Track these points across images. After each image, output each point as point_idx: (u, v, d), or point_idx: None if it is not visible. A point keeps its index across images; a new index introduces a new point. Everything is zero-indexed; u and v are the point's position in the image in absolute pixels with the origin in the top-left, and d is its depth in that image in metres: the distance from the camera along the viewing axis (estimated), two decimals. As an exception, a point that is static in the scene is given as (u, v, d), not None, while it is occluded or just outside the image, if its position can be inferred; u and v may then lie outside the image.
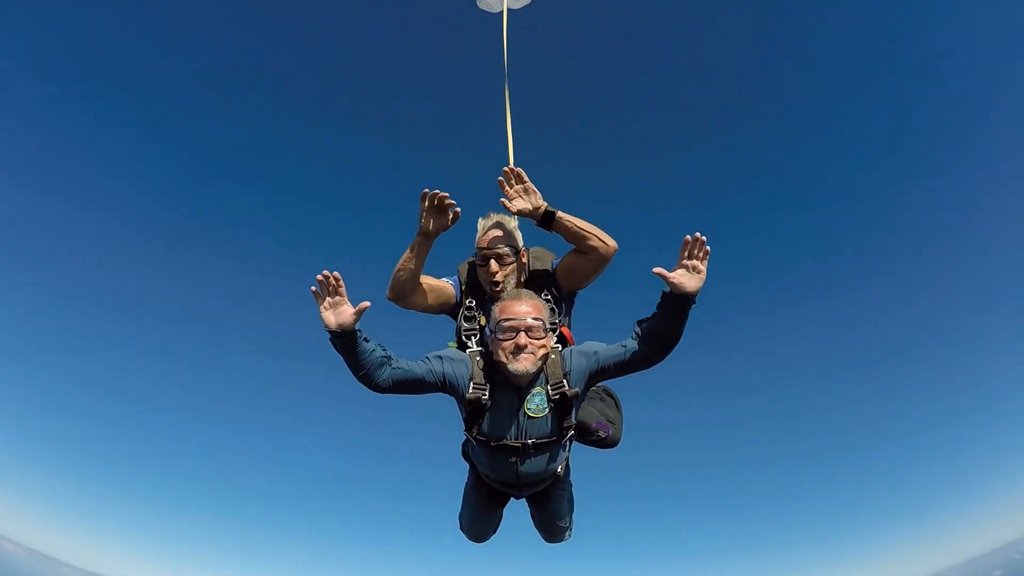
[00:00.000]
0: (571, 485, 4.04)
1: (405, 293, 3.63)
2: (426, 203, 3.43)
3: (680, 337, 3.21)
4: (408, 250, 3.55)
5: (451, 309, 3.87)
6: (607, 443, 3.89)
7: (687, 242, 3.08)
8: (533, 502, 3.96)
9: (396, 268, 3.58)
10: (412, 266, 3.56)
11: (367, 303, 3.09)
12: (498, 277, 3.62)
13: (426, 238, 3.51)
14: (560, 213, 3.49)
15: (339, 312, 3.07)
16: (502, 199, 3.50)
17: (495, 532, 4.30)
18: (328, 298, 3.07)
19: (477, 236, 3.75)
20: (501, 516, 4.16)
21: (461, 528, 4.28)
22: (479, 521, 4.15)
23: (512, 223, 3.77)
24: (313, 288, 3.08)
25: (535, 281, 3.79)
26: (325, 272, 3.04)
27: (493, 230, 3.70)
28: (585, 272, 3.71)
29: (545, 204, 3.48)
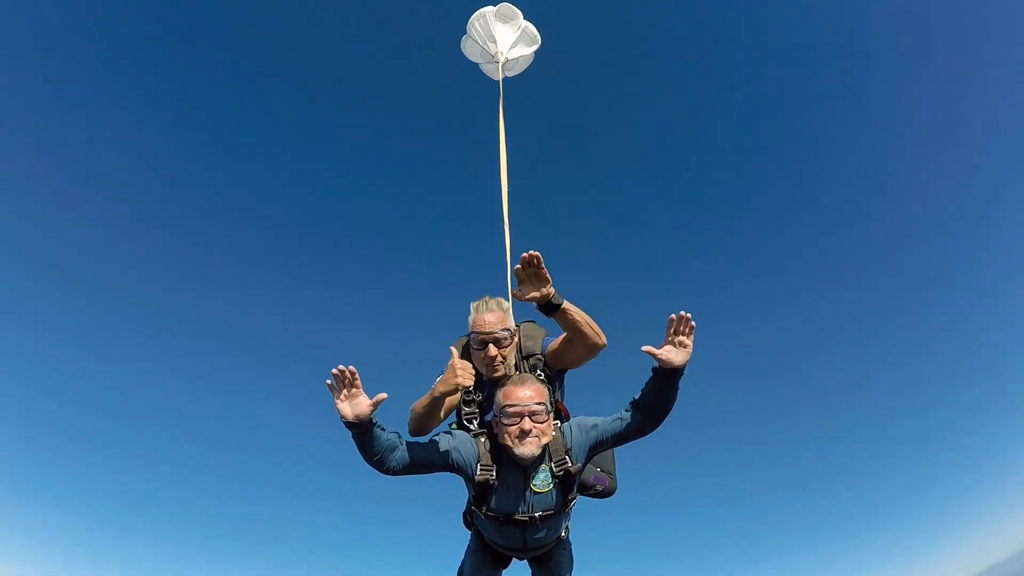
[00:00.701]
0: (571, 544, 4.21)
1: (422, 432, 3.72)
2: (344, 388, 3.18)
3: (672, 406, 3.40)
4: (427, 402, 3.60)
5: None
6: (604, 494, 4.05)
7: (672, 320, 3.24)
8: (535, 562, 4.11)
9: (418, 417, 3.64)
10: (433, 417, 3.67)
11: (383, 395, 3.17)
12: (497, 361, 3.71)
13: (447, 396, 3.57)
14: (566, 304, 3.51)
15: (355, 404, 3.13)
16: (513, 290, 3.52)
17: None
18: (344, 391, 3.14)
19: (471, 319, 3.82)
20: (505, 568, 4.31)
21: None
22: None
23: (506, 305, 3.88)
24: (329, 382, 3.14)
25: (527, 361, 3.92)
26: (340, 367, 3.11)
27: (489, 314, 3.77)
28: (572, 361, 3.88)
29: (554, 292, 3.47)
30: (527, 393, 3.34)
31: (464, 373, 3.41)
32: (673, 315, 3.25)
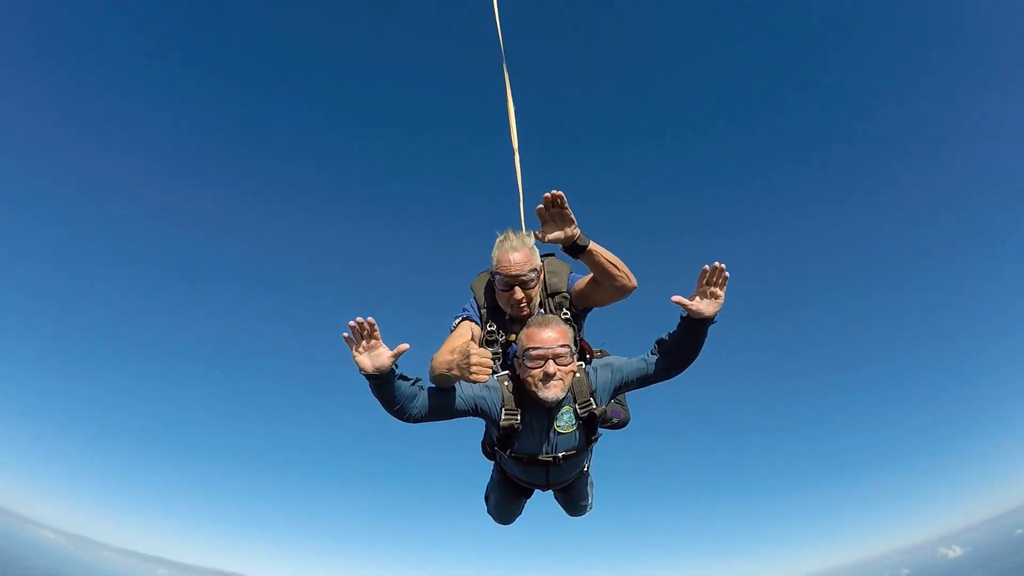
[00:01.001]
0: (591, 472, 4.28)
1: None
2: (362, 340, 3.04)
3: (699, 353, 3.41)
4: (444, 375, 3.36)
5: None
6: (620, 425, 4.08)
7: (705, 271, 3.18)
8: (559, 489, 4.17)
9: (435, 380, 3.42)
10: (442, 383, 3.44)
11: (405, 346, 3.05)
12: (523, 303, 3.61)
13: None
14: (592, 245, 3.40)
15: (375, 356, 3.03)
16: (535, 231, 3.39)
17: (520, 514, 4.56)
18: (364, 342, 3.03)
19: (495, 256, 3.66)
20: (525, 501, 4.40)
21: (488, 512, 4.55)
22: (506, 509, 4.44)
23: (530, 241, 3.69)
24: (346, 335, 3.03)
25: (552, 299, 3.82)
26: (359, 319, 3.00)
27: (514, 253, 3.61)
28: (601, 302, 3.77)
29: (579, 233, 3.36)
30: (551, 335, 3.29)
31: (481, 369, 3.24)
32: (707, 266, 3.18)
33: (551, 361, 3.25)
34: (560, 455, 3.52)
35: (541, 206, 3.26)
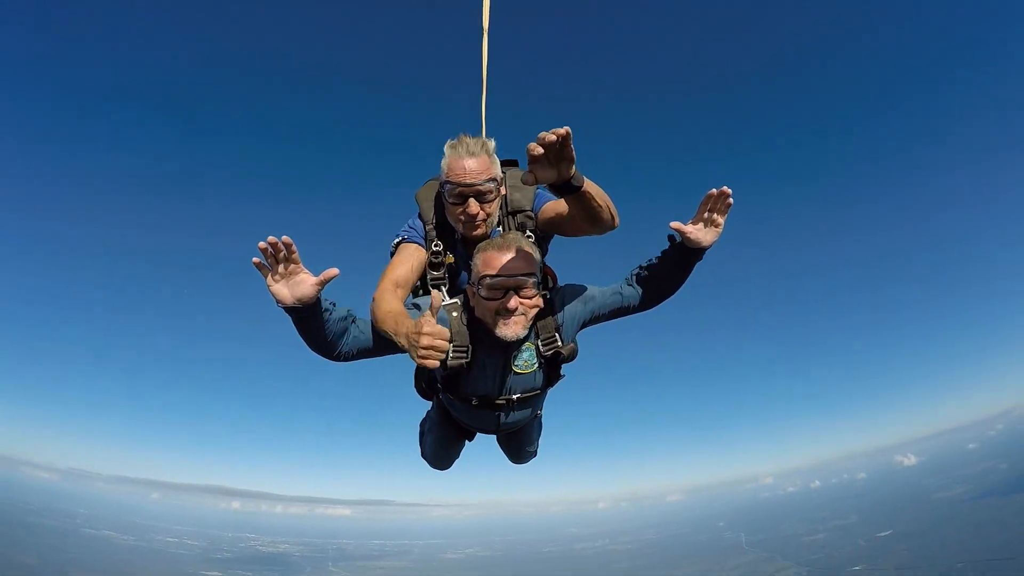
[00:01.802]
0: (541, 414, 3.81)
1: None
2: (277, 264, 2.53)
3: (681, 286, 3.07)
4: (380, 321, 2.80)
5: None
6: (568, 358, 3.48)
7: (710, 196, 2.83)
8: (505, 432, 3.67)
9: (380, 327, 2.81)
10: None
11: (335, 271, 2.54)
12: (479, 219, 3.02)
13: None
14: (587, 185, 2.68)
15: (295, 283, 2.51)
16: (523, 173, 2.59)
17: (458, 458, 4.03)
18: (280, 267, 2.50)
19: (446, 163, 3.02)
20: (465, 444, 3.87)
21: (423, 456, 4.00)
22: (445, 453, 3.92)
23: (491, 146, 3.09)
24: (256, 260, 2.47)
25: (513, 218, 3.23)
26: (271, 239, 2.44)
27: (470, 159, 2.98)
28: (572, 234, 3.17)
29: (575, 171, 2.60)
30: (513, 261, 2.75)
31: (432, 354, 2.54)
32: (713, 190, 2.83)
33: (512, 293, 2.72)
34: (515, 397, 3.05)
35: (536, 146, 2.42)
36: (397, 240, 3.26)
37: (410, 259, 3.13)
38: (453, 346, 2.79)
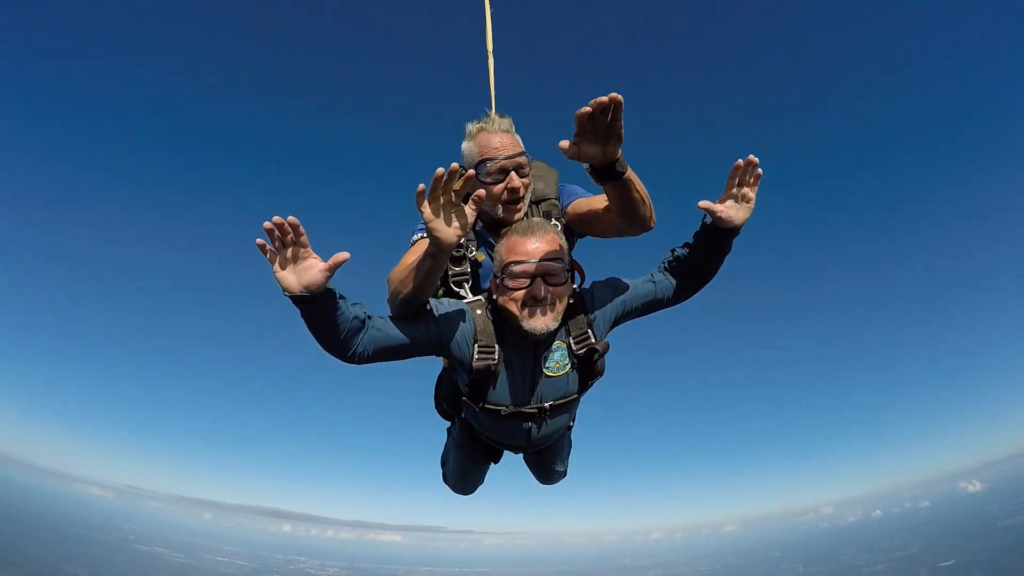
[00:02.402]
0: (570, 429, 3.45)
1: (409, 307, 2.60)
2: (442, 194, 2.26)
3: (718, 270, 2.77)
4: (414, 269, 2.46)
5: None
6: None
7: (738, 167, 2.53)
8: (538, 450, 3.36)
9: (399, 291, 2.52)
10: (424, 289, 2.51)
11: (345, 254, 2.21)
12: (522, 192, 2.81)
13: (442, 251, 2.36)
14: (630, 172, 2.46)
15: (303, 269, 2.21)
16: (565, 142, 2.32)
17: (482, 483, 3.75)
18: (287, 250, 2.21)
19: (473, 144, 2.84)
20: (490, 467, 3.62)
21: (445, 481, 3.72)
22: (469, 477, 3.63)
23: (511, 125, 2.92)
24: (260, 240, 2.19)
25: (538, 206, 3.01)
26: (276, 219, 2.15)
27: (500, 135, 2.82)
28: (604, 234, 2.95)
29: (621, 155, 2.38)
30: (539, 246, 2.51)
31: (459, 214, 2.29)
32: (740, 160, 2.53)
33: (540, 280, 2.45)
34: (548, 404, 2.71)
35: (587, 108, 2.19)
36: (415, 237, 2.92)
37: (418, 248, 2.84)
38: (478, 346, 2.55)
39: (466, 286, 2.83)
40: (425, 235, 2.55)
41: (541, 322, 2.48)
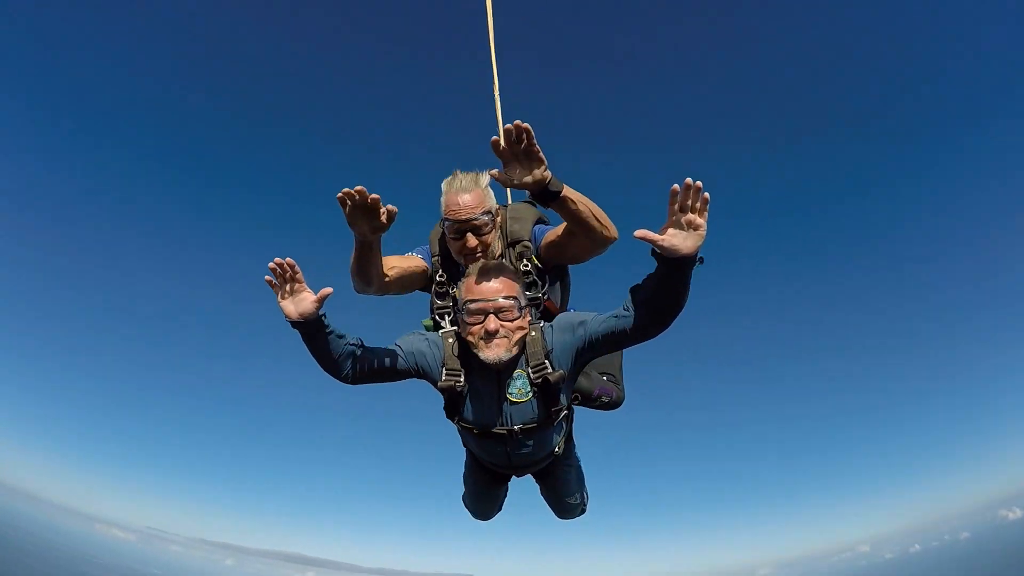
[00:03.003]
0: (578, 460, 3.73)
1: (369, 291, 3.15)
2: (347, 207, 2.71)
3: (682, 304, 2.61)
4: (353, 255, 2.96)
5: (426, 284, 3.41)
6: (611, 405, 3.51)
7: (674, 192, 2.39)
8: (539, 478, 3.68)
9: (350, 270, 3.04)
10: (364, 269, 3.00)
11: (329, 289, 2.73)
12: (478, 252, 3.10)
13: (367, 245, 2.88)
14: (566, 191, 2.72)
15: (299, 300, 2.73)
16: (495, 171, 2.66)
17: (499, 511, 4.07)
18: (286, 286, 2.74)
19: (443, 201, 3.13)
20: (505, 492, 3.90)
21: (464, 504, 4.05)
22: (481, 502, 3.95)
23: (484, 180, 3.15)
24: (268, 277, 2.75)
25: (512, 249, 3.24)
26: (277, 260, 2.71)
27: (463, 195, 3.07)
28: (577, 257, 3.19)
29: (550, 175, 2.64)
30: (493, 286, 2.81)
31: (373, 217, 2.71)
32: (676, 185, 2.39)
33: (492, 316, 2.75)
34: (516, 427, 2.96)
35: (499, 139, 2.53)
36: (410, 253, 3.41)
37: (411, 259, 3.31)
38: (445, 369, 2.91)
39: (447, 318, 3.17)
40: (415, 252, 3.35)
41: (495, 352, 2.75)
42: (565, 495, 3.77)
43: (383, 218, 2.73)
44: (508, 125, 2.50)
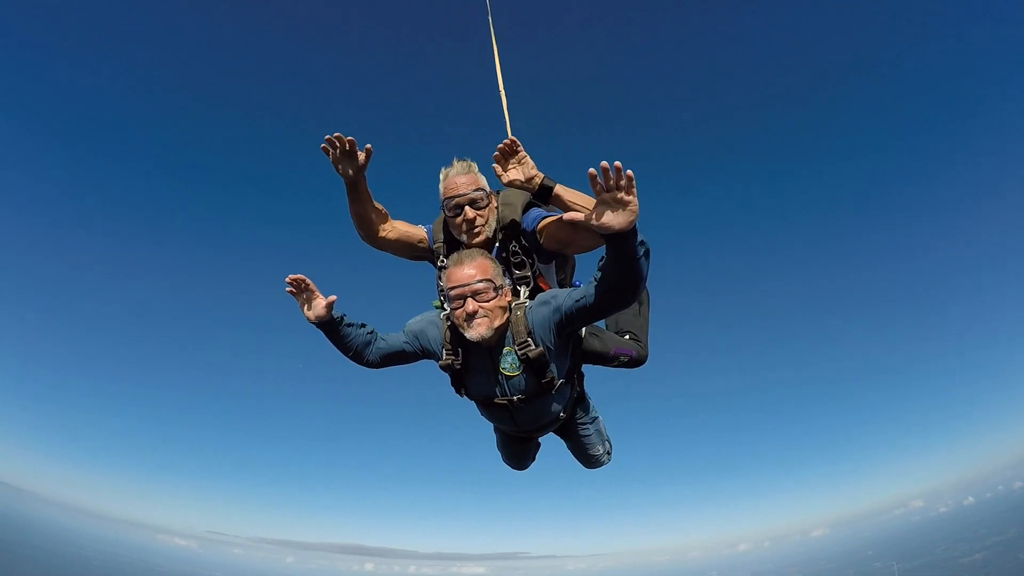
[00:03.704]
0: (596, 416, 4.00)
1: (370, 236, 3.57)
2: (330, 154, 3.24)
3: (641, 276, 2.68)
4: (347, 200, 3.46)
5: (428, 256, 3.71)
6: (633, 363, 3.72)
7: (593, 175, 2.59)
8: (562, 436, 3.99)
9: (353, 218, 3.53)
10: (359, 212, 3.49)
11: (333, 297, 3.31)
12: (478, 223, 3.40)
13: (352, 185, 3.37)
14: (558, 188, 3.14)
15: (313, 306, 3.31)
16: (494, 166, 3.26)
17: (534, 460, 4.37)
18: (303, 295, 3.32)
19: (441, 187, 3.47)
20: (537, 447, 4.20)
21: (503, 460, 4.39)
22: (514, 455, 4.26)
23: (475, 167, 3.52)
24: (288, 289, 3.32)
25: (504, 232, 3.48)
26: (289, 277, 3.29)
27: (459, 176, 3.44)
28: (579, 247, 3.39)
29: (541, 176, 3.16)
30: (468, 272, 3.10)
31: (333, 139, 3.19)
32: (593, 169, 2.58)
33: (470, 299, 3.04)
34: (515, 398, 3.28)
35: (497, 155, 3.20)
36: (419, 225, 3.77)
37: (414, 228, 3.69)
38: (444, 349, 3.28)
39: (447, 303, 3.36)
40: (423, 228, 3.71)
41: (476, 332, 3.05)
42: (588, 448, 4.06)
43: (361, 159, 3.23)
44: (500, 145, 3.15)
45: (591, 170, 2.57)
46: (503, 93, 3.97)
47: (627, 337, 3.74)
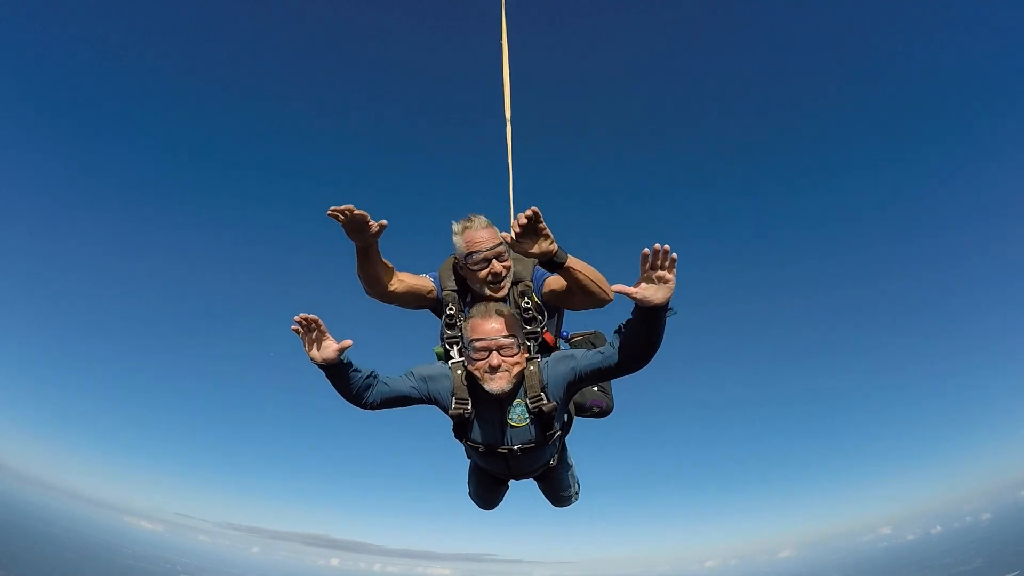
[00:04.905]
0: (570, 461, 4.21)
1: (378, 294, 3.59)
2: (340, 220, 3.19)
3: (657, 345, 3.04)
4: (360, 266, 3.45)
5: (433, 305, 3.81)
6: (602, 414, 4.01)
7: (645, 255, 2.84)
8: (537, 479, 4.10)
9: (362, 280, 3.52)
10: (369, 273, 3.48)
11: (348, 342, 3.20)
12: (504, 276, 3.55)
13: (363, 251, 3.36)
14: (570, 261, 3.22)
15: (323, 348, 3.18)
16: (507, 234, 3.21)
17: (502, 500, 4.49)
18: (311, 334, 3.18)
19: (462, 239, 3.58)
20: (507, 488, 4.32)
21: (472, 499, 4.51)
22: (485, 495, 4.39)
23: (488, 222, 3.66)
24: (294, 327, 3.19)
25: (515, 287, 3.67)
26: (302, 315, 3.15)
27: (482, 231, 3.55)
28: (574, 308, 3.67)
29: (556, 248, 3.17)
30: (494, 326, 3.24)
31: (342, 210, 3.12)
32: (647, 249, 2.85)
33: (495, 352, 3.19)
34: (516, 447, 3.44)
35: (516, 223, 3.08)
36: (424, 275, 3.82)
37: (421, 279, 3.74)
38: (455, 398, 3.34)
39: (456, 348, 3.56)
40: (429, 278, 3.78)
41: (497, 384, 3.20)
42: (560, 490, 4.29)
43: (374, 229, 3.21)
44: (521, 216, 3.00)
45: (645, 250, 2.81)
46: (507, 93, 4.16)
47: (596, 389, 3.95)
